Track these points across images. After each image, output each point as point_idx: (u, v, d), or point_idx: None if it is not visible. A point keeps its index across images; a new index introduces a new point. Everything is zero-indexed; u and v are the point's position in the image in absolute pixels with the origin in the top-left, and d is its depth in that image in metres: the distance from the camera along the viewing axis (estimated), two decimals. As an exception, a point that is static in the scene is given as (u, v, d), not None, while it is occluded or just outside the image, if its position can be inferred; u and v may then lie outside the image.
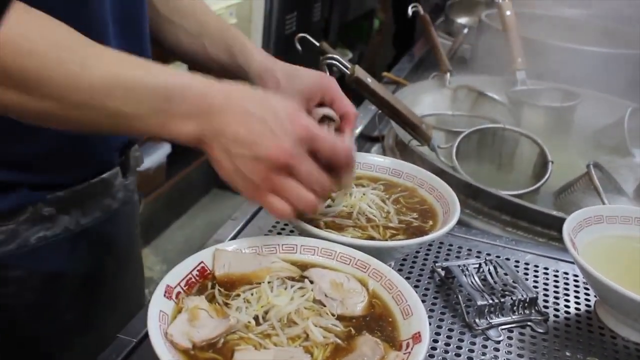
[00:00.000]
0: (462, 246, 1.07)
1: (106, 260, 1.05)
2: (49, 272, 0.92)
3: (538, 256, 1.06)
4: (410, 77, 1.96)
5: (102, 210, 0.96)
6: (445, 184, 0.99)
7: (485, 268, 0.94)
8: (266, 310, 0.72)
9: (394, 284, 0.77)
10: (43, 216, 0.88)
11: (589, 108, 1.62)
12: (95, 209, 0.95)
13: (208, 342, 0.67)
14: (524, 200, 1.20)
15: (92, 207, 0.95)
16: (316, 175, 0.77)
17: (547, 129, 1.54)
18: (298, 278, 0.78)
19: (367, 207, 0.93)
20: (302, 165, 0.75)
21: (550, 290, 0.98)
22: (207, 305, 0.72)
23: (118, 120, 0.70)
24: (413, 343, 0.68)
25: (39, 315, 0.93)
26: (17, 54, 0.63)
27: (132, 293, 1.15)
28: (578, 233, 0.94)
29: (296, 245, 0.83)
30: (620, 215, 1.00)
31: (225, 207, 3.38)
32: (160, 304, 0.69)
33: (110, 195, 0.98)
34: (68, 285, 0.96)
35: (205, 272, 0.77)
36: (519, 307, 0.90)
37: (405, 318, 0.73)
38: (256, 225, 1.07)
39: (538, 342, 0.87)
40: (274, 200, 0.75)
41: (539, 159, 1.37)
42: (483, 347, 0.85)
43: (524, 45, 1.69)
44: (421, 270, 0.99)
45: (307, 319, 0.71)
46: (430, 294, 0.94)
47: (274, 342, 0.68)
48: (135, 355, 0.79)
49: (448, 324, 0.88)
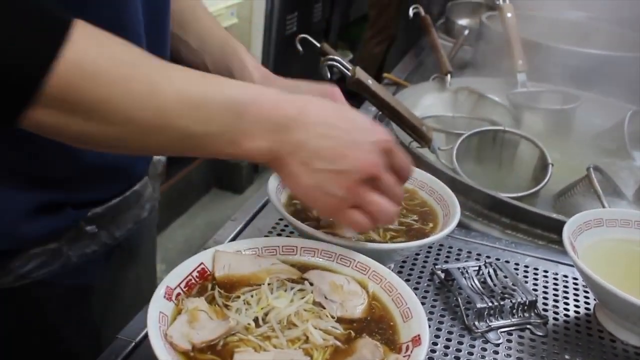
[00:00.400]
0: (461, 248, 1.07)
1: (133, 267, 1.06)
2: (84, 285, 0.93)
3: (538, 259, 1.06)
4: (410, 79, 1.96)
5: (133, 221, 0.96)
6: (445, 186, 0.99)
7: (485, 271, 0.94)
8: (266, 312, 0.72)
9: (393, 286, 0.77)
10: (85, 234, 0.88)
11: (590, 111, 1.62)
12: (128, 222, 0.95)
13: (207, 343, 0.67)
14: (524, 202, 1.20)
15: (125, 220, 0.95)
16: (397, 187, 0.76)
17: (547, 131, 1.55)
18: (298, 280, 0.78)
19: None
20: (387, 178, 0.74)
21: (549, 293, 0.98)
22: (206, 307, 0.72)
23: (187, 141, 0.66)
24: (413, 346, 0.68)
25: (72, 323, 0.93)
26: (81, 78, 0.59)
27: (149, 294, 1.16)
28: (578, 236, 0.94)
29: (296, 247, 0.83)
30: (620, 219, 1.00)
31: (225, 207, 3.38)
32: (160, 305, 0.69)
33: (140, 205, 0.98)
34: (100, 295, 0.96)
35: (205, 274, 0.77)
36: (518, 310, 0.90)
37: (405, 321, 0.73)
38: (256, 227, 1.07)
39: (537, 345, 0.87)
40: (356, 215, 0.73)
41: (539, 162, 1.37)
42: (482, 349, 0.85)
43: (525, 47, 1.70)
44: (421, 272, 0.99)
45: (307, 321, 0.71)
46: (430, 297, 0.94)
47: (274, 344, 0.68)
48: (134, 356, 0.79)
49: (447, 326, 0.88)
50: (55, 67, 0.57)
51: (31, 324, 0.89)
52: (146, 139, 0.66)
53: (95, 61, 0.60)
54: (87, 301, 0.94)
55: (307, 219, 0.91)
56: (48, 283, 0.85)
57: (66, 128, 0.62)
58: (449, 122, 1.52)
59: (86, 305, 0.94)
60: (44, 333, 0.91)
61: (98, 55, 0.60)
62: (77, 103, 0.60)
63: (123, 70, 0.61)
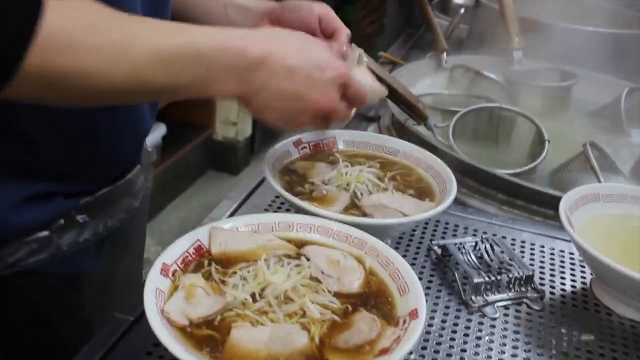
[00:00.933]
0: (458, 224, 1.07)
1: (124, 257, 1.06)
2: (77, 274, 0.92)
3: (534, 234, 1.06)
4: (406, 57, 1.95)
5: (125, 211, 0.96)
6: (442, 162, 0.99)
7: (482, 246, 0.95)
8: (263, 287, 0.71)
9: (390, 261, 0.77)
10: (76, 223, 0.87)
11: (586, 88, 1.61)
12: (120, 211, 0.95)
13: (205, 319, 0.67)
14: (521, 179, 1.20)
15: (117, 209, 0.94)
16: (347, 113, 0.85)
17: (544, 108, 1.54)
18: (294, 255, 0.78)
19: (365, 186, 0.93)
20: (339, 108, 0.82)
21: (546, 268, 0.98)
22: (203, 283, 0.72)
23: (159, 94, 0.73)
24: (410, 319, 0.68)
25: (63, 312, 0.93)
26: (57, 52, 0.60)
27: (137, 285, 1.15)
28: (574, 211, 0.94)
29: (292, 223, 0.83)
30: (617, 194, 1.00)
31: (220, 188, 3.37)
32: (157, 282, 0.69)
33: (132, 195, 0.97)
34: (93, 283, 0.96)
35: (201, 250, 0.77)
36: (515, 285, 0.90)
37: (402, 295, 0.73)
38: (252, 204, 1.07)
39: (534, 319, 0.87)
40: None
41: (535, 138, 1.36)
42: (479, 324, 0.85)
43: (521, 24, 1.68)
44: (417, 248, 0.99)
45: (304, 296, 0.71)
46: (427, 272, 0.94)
47: (271, 319, 0.68)
48: (132, 333, 0.79)
49: (444, 301, 0.89)
50: (32, 44, 0.57)
51: (21, 312, 0.88)
52: (122, 98, 0.71)
53: (70, 33, 0.61)
54: (78, 291, 0.94)
55: (300, 193, 0.91)
56: (38, 272, 0.85)
57: (44, 98, 0.66)
58: (445, 100, 1.51)
59: (78, 294, 0.94)
60: (35, 322, 0.90)
61: (72, 27, 0.61)
62: (54, 76, 0.61)
63: (97, 39, 0.62)
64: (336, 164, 0.98)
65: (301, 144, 1.02)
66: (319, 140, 1.04)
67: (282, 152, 0.99)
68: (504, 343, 0.82)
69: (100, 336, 0.79)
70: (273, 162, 0.95)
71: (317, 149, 1.03)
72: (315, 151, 1.02)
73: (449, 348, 0.80)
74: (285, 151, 1.00)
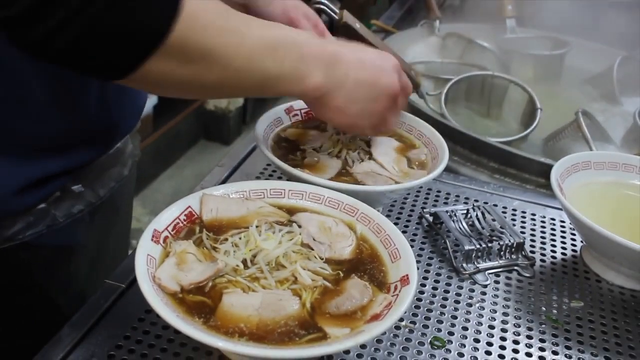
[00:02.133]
0: (450, 192, 1.07)
1: (114, 227, 1.06)
2: (70, 245, 0.93)
3: (526, 202, 1.07)
4: (399, 25, 1.93)
5: (115, 179, 0.97)
6: (434, 130, 0.99)
7: (473, 214, 0.95)
8: (254, 254, 0.71)
9: (382, 227, 0.77)
10: (71, 193, 0.88)
11: (579, 56, 1.62)
12: (110, 179, 0.96)
13: (196, 285, 0.67)
14: (513, 147, 1.20)
15: (109, 177, 0.95)
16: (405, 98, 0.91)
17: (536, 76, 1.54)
18: (286, 222, 0.78)
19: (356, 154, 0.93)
20: (402, 95, 0.87)
21: (537, 236, 0.98)
22: (195, 250, 0.71)
23: (266, 82, 0.74)
24: (401, 286, 0.69)
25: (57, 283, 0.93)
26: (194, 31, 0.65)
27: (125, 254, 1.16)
28: (566, 179, 0.94)
29: (284, 190, 0.82)
30: (608, 162, 1.00)
31: (213, 158, 3.36)
32: (148, 248, 0.69)
33: (122, 163, 0.98)
34: (86, 254, 0.97)
35: (192, 217, 0.77)
36: (506, 252, 0.91)
37: (393, 261, 0.73)
38: (244, 172, 1.06)
39: (524, 285, 0.88)
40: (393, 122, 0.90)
41: (527, 106, 1.36)
42: (470, 290, 0.85)
43: (514, -8, 1.68)
44: (409, 216, 0.99)
45: (295, 262, 0.70)
46: (418, 239, 0.94)
47: (262, 285, 0.68)
48: (123, 299, 0.79)
49: (436, 268, 0.89)
50: (177, 19, 0.62)
51: (17, 284, 0.89)
52: (238, 82, 0.73)
53: (205, 15, 0.66)
54: (72, 261, 0.94)
55: (292, 160, 0.90)
56: (34, 244, 0.85)
57: (174, 76, 0.67)
58: (437, 68, 1.51)
59: (72, 265, 0.94)
60: (30, 293, 0.91)
61: (207, 9, 0.66)
62: (191, 52, 0.65)
63: (222, 23, 0.68)
64: (328, 131, 0.97)
65: (292, 111, 1.01)
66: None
67: (273, 119, 0.98)
68: (495, 310, 0.83)
69: (92, 303, 0.78)
70: (265, 129, 0.94)
71: (309, 115, 1.02)
72: (307, 118, 1.02)
73: (440, 315, 0.81)
74: (277, 118, 0.99)
